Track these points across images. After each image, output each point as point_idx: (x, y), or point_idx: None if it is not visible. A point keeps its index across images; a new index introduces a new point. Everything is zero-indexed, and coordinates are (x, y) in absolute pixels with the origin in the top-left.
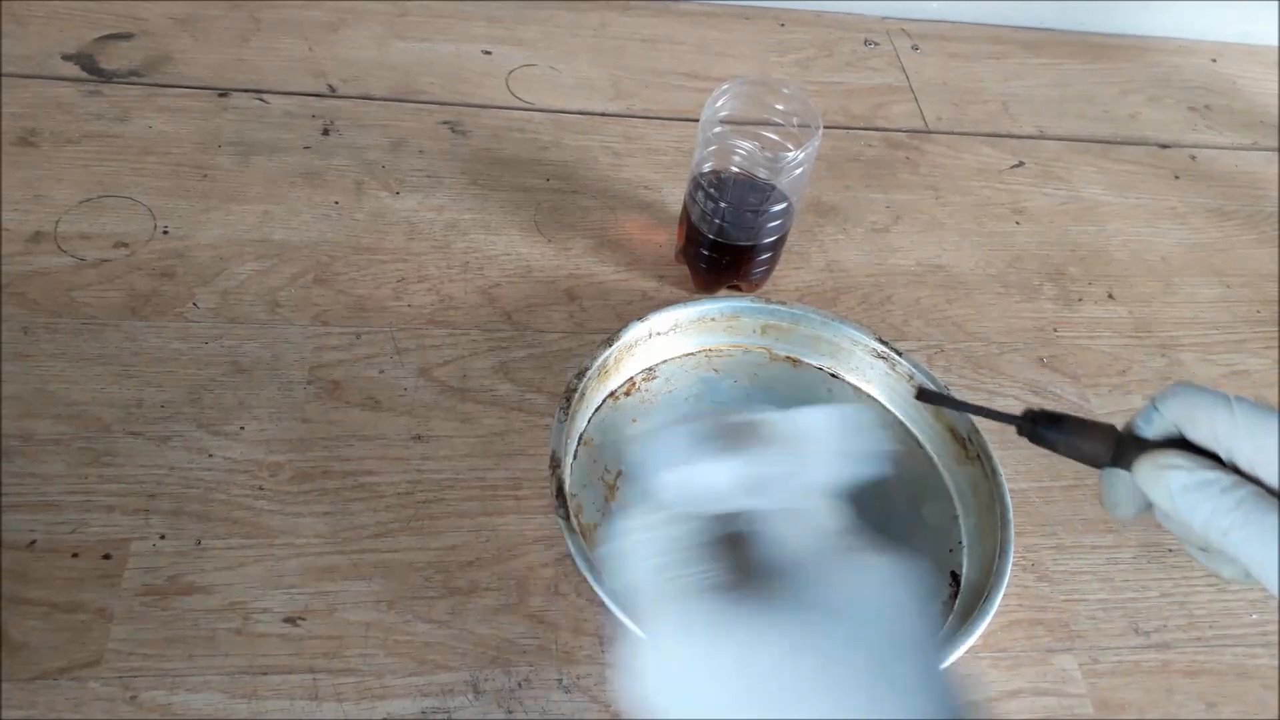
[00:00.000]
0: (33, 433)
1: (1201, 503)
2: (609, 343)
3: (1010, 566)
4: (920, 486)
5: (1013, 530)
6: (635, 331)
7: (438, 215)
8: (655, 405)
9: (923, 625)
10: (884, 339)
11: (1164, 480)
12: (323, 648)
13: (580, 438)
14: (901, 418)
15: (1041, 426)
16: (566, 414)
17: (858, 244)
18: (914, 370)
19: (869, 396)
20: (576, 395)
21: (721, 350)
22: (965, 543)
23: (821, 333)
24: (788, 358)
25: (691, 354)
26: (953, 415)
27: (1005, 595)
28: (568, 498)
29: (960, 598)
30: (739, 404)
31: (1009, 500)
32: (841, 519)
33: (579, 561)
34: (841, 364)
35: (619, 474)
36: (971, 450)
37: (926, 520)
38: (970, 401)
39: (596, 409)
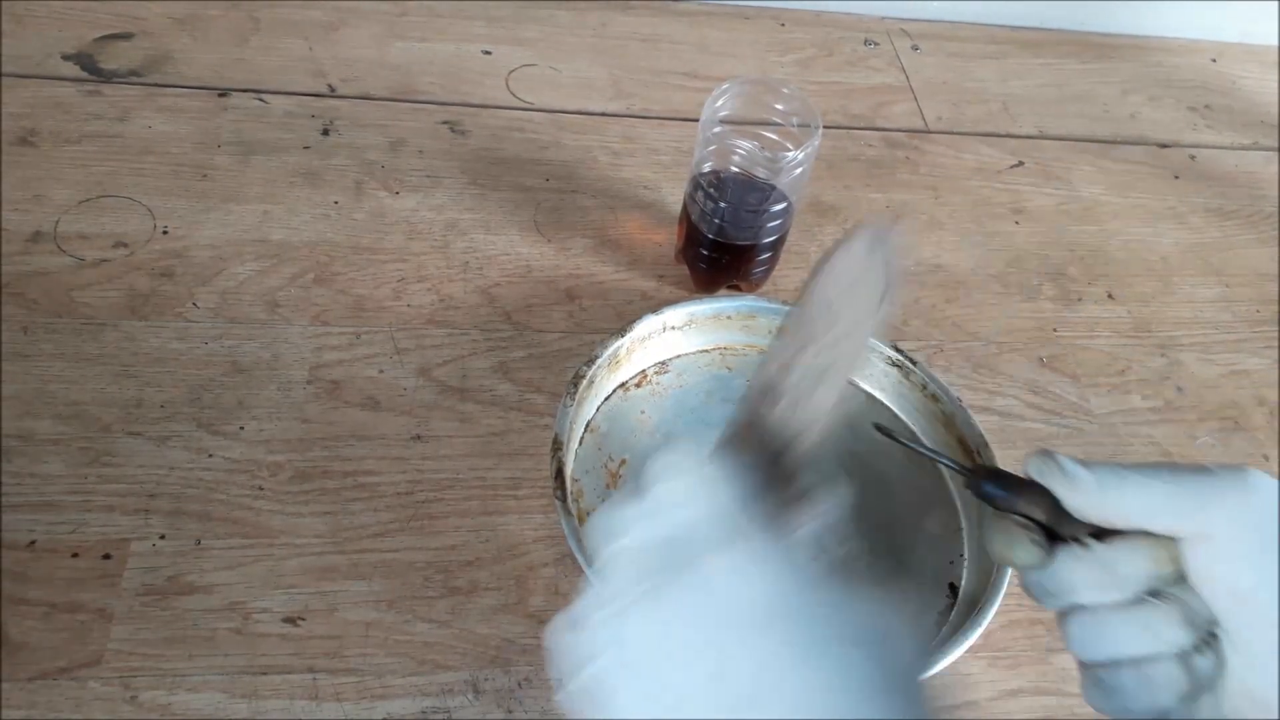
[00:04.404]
0: (33, 433)
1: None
2: (621, 333)
3: (1007, 581)
4: (926, 497)
5: None
6: (648, 324)
7: (437, 215)
8: (666, 399)
9: (913, 660)
10: (899, 348)
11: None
12: (323, 648)
13: (588, 424)
14: (913, 426)
15: (986, 482)
16: (574, 399)
17: None
18: (928, 380)
19: (882, 404)
20: (585, 382)
21: (736, 349)
22: (966, 556)
23: None
24: None
25: (706, 351)
26: (964, 425)
27: (1005, 595)
28: (568, 481)
29: (956, 609)
30: None
31: None
32: (840, 544)
33: (570, 542)
34: (856, 371)
35: (623, 462)
36: (980, 463)
37: (929, 531)
38: (929, 448)
39: (606, 398)
